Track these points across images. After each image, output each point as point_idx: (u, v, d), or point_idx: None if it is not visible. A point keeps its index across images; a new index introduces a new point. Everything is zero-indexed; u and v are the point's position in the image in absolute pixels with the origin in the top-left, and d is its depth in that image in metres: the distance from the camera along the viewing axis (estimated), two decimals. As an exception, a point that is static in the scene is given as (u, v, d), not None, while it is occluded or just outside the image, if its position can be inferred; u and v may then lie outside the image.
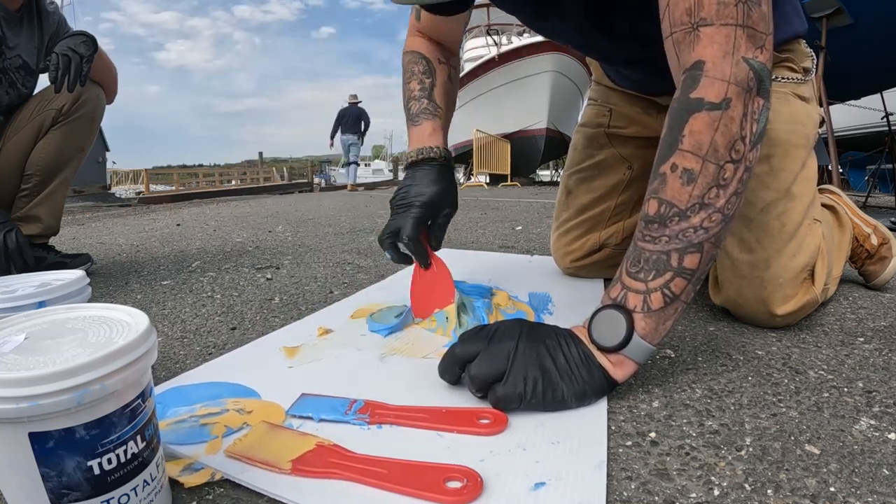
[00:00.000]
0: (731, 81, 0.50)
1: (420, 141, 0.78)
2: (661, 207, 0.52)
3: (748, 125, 0.51)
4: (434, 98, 0.81)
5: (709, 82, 0.51)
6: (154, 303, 0.96)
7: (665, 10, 0.55)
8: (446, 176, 0.77)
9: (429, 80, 0.83)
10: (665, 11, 0.55)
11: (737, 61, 0.51)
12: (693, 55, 0.52)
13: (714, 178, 0.50)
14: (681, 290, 0.51)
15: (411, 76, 0.84)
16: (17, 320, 0.37)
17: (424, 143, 0.77)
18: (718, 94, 0.50)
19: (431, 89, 0.82)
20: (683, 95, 0.52)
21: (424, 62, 0.83)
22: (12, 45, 1.12)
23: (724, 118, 0.50)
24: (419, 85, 0.82)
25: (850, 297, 0.95)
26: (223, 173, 18.29)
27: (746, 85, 0.51)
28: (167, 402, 0.52)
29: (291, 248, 1.55)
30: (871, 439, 0.47)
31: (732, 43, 0.51)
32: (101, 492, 0.32)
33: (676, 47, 0.55)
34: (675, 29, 0.54)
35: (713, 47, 0.51)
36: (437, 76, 0.83)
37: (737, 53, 0.51)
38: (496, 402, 0.50)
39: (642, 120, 0.96)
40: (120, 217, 2.76)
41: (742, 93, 0.50)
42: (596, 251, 1.01)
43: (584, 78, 11.16)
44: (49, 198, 1.18)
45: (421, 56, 0.84)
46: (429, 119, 0.79)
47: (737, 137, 0.50)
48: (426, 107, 0.80)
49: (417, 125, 0.80)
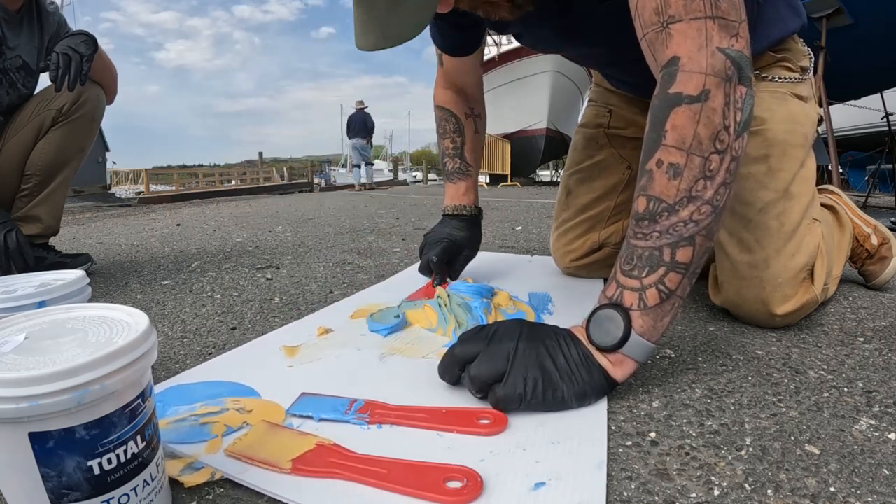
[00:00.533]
0: (708, 73, 0.50)
1: (455, 199, 0.96)
2: (650, 203, 0.52)
3: (731, 114, 0.51)
4: (465, 157, 0.96)
5: (686, 76, 0.51)
6: (154, 303, 0.96)
7: (635, 13, 0.55)
8: (473, 228, 0.95)
9: (459, 138, 0.96)
10: (635, 15, 0.55)
11: (712, 52, 0.51)
12: (667, 52, 0.53)
13: (700, 171, 0.50)
14: (676, 284, 0.51)
15: (444, 134, 0.97)
16: (17, 320, 0.37)
17: (459, 202, 0.95)
18: (696, 86, 0.50)
19: (462, 147, 0.96)
20: (662, 91, 0.53)
21: (454, 120, 0.96)
22: (12, 45, 1.12)
23: (706, 110, 0.50)
24: (452, 144, 0.96)
25: (850, 297, 0.95)
26: (223, 173, 18.28)
27: (725, 74, 0.50)
28: (167, 401, 0.52)
29: (291, 248, 1.55)
30: (871, 439, 0.47)
31: (705, 35, 0.51)
32: (101, 492, 0.32)
33: (651, 47, 0.55)
34: (646, 30, 0.54)
35: (686, 42, 0.51)
36: (466, 132, 0.96)
37: (710, 45, 0.51)
38: (496, 403, 0.50)
39: (641, 121, 0.96)
40: (120, 217, 2.76)
41: (721, 83, 0.50)
42: (596, 251, 1.01)
43: (584, 78, 11.16)
44: (49, 198, 1.18)
45: (451, 114, 0.96)
46: (462, 179, 0.96)
47: (720, 128, 0.50)
48: (459, 166, 0.96)
49: (453, 183, 0.96)
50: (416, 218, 2.40)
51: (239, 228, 2.05)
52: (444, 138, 0.97)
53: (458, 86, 0.96)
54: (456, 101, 0.96)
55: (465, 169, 0.96)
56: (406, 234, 1.84)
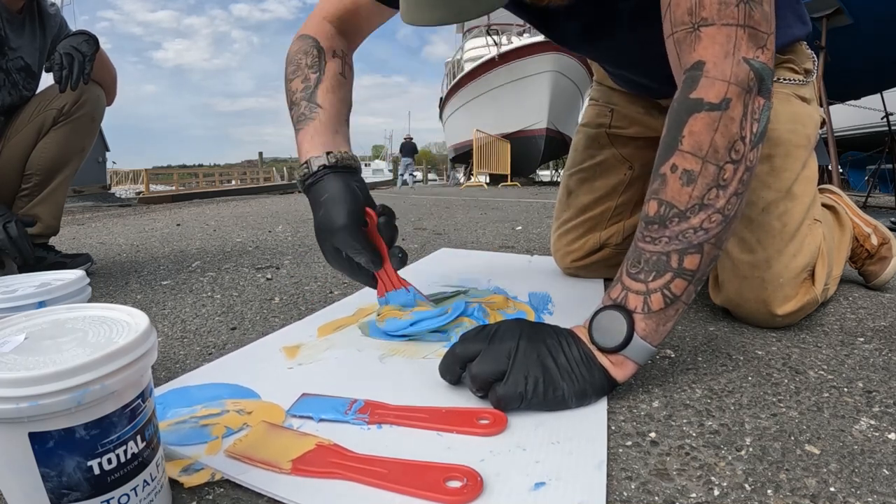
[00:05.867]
0: (732, 82, 0.50)
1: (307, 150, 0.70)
2: (661, 208, 0.52)
3: (748, 125, 0.51)
4: (316, 99, 0.72)
5: (709, 83, 0.51)
6: (154, 303, 0.96)
7: (666, 10, 0.55)
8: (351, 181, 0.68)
9: (315, 75, 0.74)
10: (666, 11, 0.55)
11: (737, 61, 0.51)
12: (694, 55, 0.52)
13: (714, 179, 0.50)
14: (681, 291, 0.51)
15: (297, 70, 0.75)
16: (17, 320, 0.37)
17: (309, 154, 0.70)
18: (718, 94, 0.50)
19: (316, 86, 0.73)
20: (683, 96, 0.52)
21: (315, 53, 0.75)
22: (15, 45, 1.12)
23: (724, 118, 0.50)
24: (303, 84, 0.74)
25: (850, 297, 0.95)
26: (223, 173, 18.29)
27: (747, 85, 0.51)
28: (167, 403, 0.52)
29: (291, 248, 1.55)
30: (871, 439, 0.47)
31: (733, 43, 0.51)
32: (101, 492, 0.32)
33: (677, 47, 0.55)
34: (676, 29, 0.54)
35: (714, 47, 0.51)
36: (327, 69, 0.74)
37: (737, 53, 0.51)
38: (497, 402, 0.50)
39: (644, 120, 0.97)
40: (120, 217, 2.76)
41: (742, 93, 0.50)
42: (596, 251, 1.01)
43: (584, 78, 11.17)
44: (49, 197, 1.18)
45: (314, 45, 0.75)
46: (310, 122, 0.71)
47: (737, 138, 0.50)
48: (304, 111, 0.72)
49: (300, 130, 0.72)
50: (416, 218, 2.40)
51: (239, 228, 2.05)
52: (295, 78, 0.75)
53: (344, 27, 0.78)
54: (331, 35, 0.77)
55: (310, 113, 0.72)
56: (406, 234, 1.84)
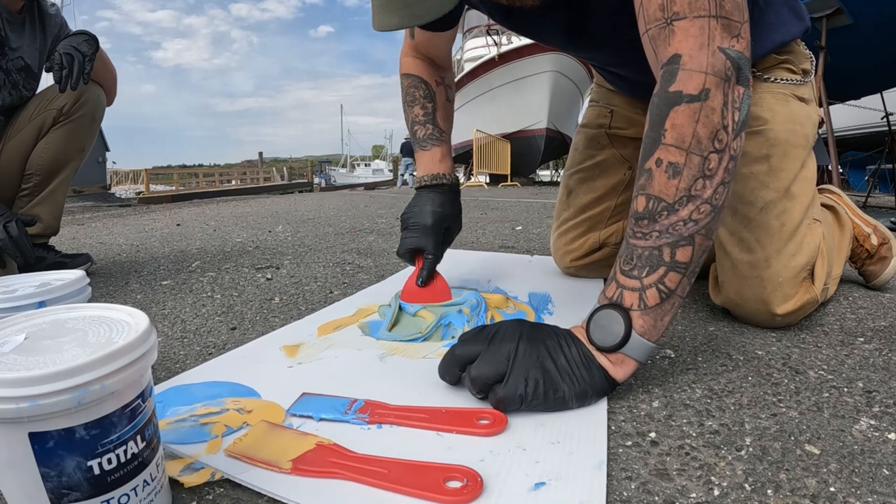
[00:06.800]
0: (709, 72, 0.51)
1: (430, 167, 0.86)
2: (649, 203, 0.52)
3: (729, 114, 0.51)
4: (438, 123, 0.88)
5: (686, 75, 0.51)
6: (154, 303, 0.96)
7: (639, 8, 0.56)
8: (454, 199, 0.86)
9: (430, 104, 0.88)
10: (640, 9, 0.56)
11: (713, 52, 0.51)
12: (669, 49, 0.53)
13: (699, 170, 0.51)
14: (676, 284, 0.51)
15: (413, 101, 0.89)
16: (17, 320, 0.37)
17: (435, 170, 0.85)
18: (697, 85, 0.51)
19: (434, 114, 0.88)
20: (662, 90, 0.53)
21: (424, 86, 0.89)
22: (15, 46, 1.12)
23: (705, 109, 0.50)
24: (422, 110, 0.88)
25: (850, 297, 0.95)
26: (223, 173, 18.30)
27: (724, 74, 0.51)
28: (167, 402, 0.52)
29: (291, 248, 1.55)
30: (871, 439, 0.47)
31: (707, 34, 0.51)
32: (101, 492, 0.32)
33: (653, 43, 0.55)
34: (649, 26, 0.55)
35: (688, 40, 0.51)
36: (438, 98, 0.89)
37: (712, 44, 0.51)
38: (497, 404, 0.50)
39: (643, 121, 0.96)
40: (120, 217, 2.76)
41: (720, 82, 0.51)
42: (596, 250, 1.01)
43: (584, 78, 11.16)
44: (49, 197, 1.18)
45: (420, 80, 0.89)
46: (436, 145, 0.87)
47: (719, 127, 0.51)
48: (432, 132, 0.87)
49: (426, 150, 0.87)
50: (416, 218, 2.39)
51: (239, 228, 2.05)
52: (414, 105, 0.89)
53: (429, 57, 0.91)
54: (426, 69, 0.90)
55: (438, 135, 0.88)
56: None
